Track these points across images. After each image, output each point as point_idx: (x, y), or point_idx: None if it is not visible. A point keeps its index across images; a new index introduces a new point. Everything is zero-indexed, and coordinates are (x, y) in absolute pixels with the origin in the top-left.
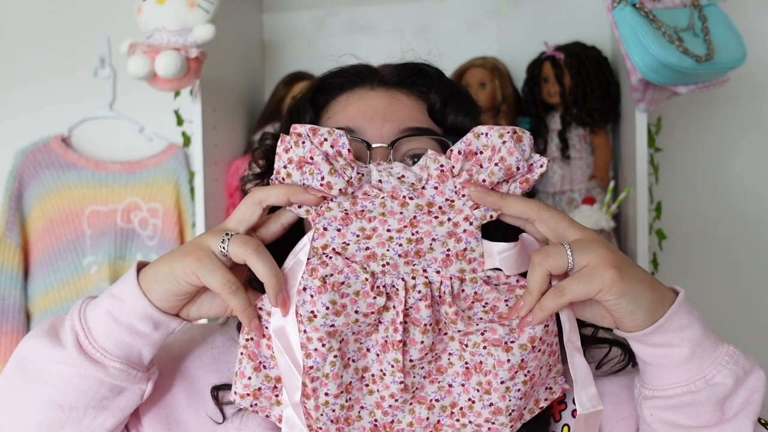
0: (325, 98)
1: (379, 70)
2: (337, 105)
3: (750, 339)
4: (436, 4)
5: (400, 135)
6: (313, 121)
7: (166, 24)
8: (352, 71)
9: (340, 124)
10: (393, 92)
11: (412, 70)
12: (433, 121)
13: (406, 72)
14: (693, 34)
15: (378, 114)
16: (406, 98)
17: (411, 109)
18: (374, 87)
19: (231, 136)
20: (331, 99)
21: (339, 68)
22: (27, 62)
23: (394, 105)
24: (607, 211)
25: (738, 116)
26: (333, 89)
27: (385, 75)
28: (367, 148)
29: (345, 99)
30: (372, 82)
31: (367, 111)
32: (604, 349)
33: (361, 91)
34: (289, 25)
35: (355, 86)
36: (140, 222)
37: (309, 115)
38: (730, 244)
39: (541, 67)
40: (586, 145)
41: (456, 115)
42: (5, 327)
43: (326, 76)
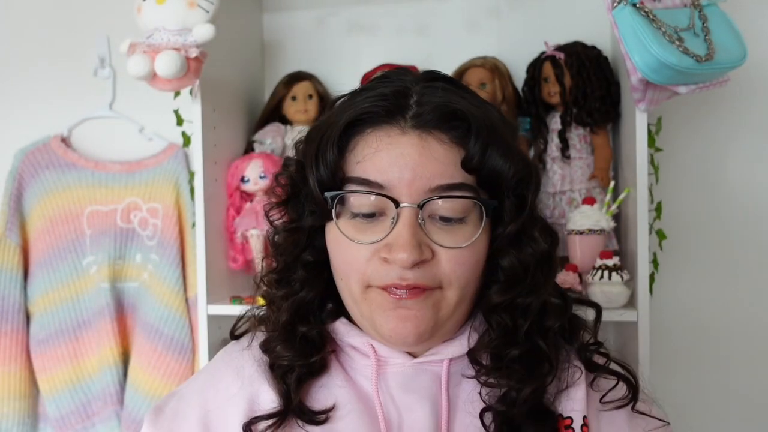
0: (353, 132)
1: (410, 102)
2: (365, 146)
3: (750, 339)
4: (436, 4)
5: (430, 195)
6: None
7: (166, 24)
8: (383, 107)
9: (369, 176)
10: (425, 138)
11: (449, 115)
12: (470, 169)
13: (443, 115)
14: (693, 34)
15: (408, 167)
16: (439, 146)
17: (443, 162)
18: (406, 130)
19: (231, 136)
20: (358, 134)
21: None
22: (27, 62)
23: (425, 157)
24: (607, 211)
25: (738, 116)
26: (362, 123)
27: (418, 113)
28: (396, 206)
29: (374, 141)
30: (404, 120)
31: (396, 164)
32: (612, 381)
33: (391, 133)
34: (289, 25)
35: (385, 123)
36: (140, 222)
37: (333, 153)
38: (730, 244)
39: (541, 66)
40: (586, 145)
41: (495, 161)
42: (5, 327)
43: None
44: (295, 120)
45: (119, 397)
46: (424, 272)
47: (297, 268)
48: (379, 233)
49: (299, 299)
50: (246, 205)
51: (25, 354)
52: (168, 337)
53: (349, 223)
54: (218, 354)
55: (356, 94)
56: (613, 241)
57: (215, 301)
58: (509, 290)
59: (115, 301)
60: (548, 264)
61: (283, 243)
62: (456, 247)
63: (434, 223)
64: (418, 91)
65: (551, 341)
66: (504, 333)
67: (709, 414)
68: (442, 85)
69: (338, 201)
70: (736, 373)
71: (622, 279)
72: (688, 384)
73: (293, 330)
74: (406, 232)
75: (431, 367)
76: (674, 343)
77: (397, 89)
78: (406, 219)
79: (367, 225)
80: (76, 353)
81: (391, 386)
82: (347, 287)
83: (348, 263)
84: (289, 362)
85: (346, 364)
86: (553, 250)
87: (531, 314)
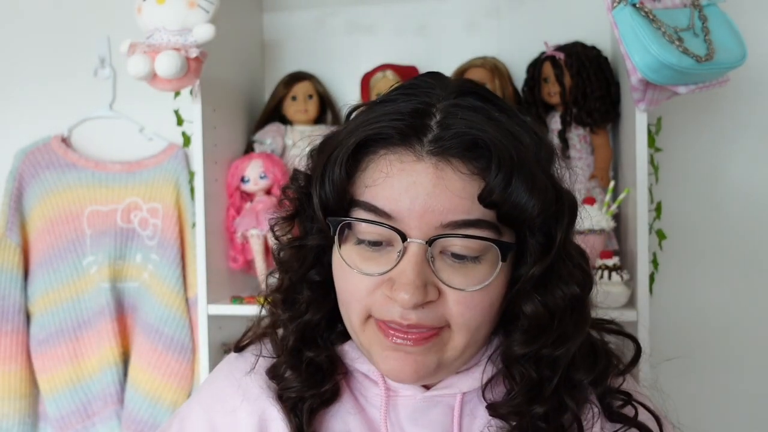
0: (364, 150)
1: (430, 123)
2: (376, 170)
3: (750, 339)
4: (436, 4)
5: (441, 231)
6: (344, 182)
7: (166, 24)
8: (400, 129)
9: (377, 203)
10: (442, 167)
11: (469, 142)
12: (488, 204)
13: (463, 143)
14: (693, 34)
15: (419, 198)
16: (456, 178)
17: (459, 196)
18: (422, 156)
19: (231, 136)
20: (371, 153)
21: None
22: (27, 62)
23: (439, 188)
24: (607, 211)
25: (738, 116)
26: (375, 143)
27: (438, 137)
28: (402, 240)
29: (386, 165)
30: (420, 144)
31: (408, 193)
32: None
33: (405, 159)
34: (289, 25)
35: (400, 146)
36: (140, 222)
37: (341, 174)
38: (730, 244)
39: (541, 67)
40: (586, 145)
41: (518, 197)
42: (5, 327)
43: (370, 133)
44: (295, 120)
45: (119, 397)
46: (428, 313)
47: (303, 288)
48: (384, 265)
49: (305, 322)
50: (246, 205)
51: (25, 354)
52: (168, 337)
53: (354, 250)
54: (221, 369)
55: (375, 105)
56: (613, 241)
57: (215, 301)
58: (533, 341)
59: (116, 301)
60: (580, 311)
61: (289, 260)
62: (466, 290)
63: (445, 260)
64: (443, 110)
65: (579, 397)
66: (529, 388)
67: (710, 414)
68: (472, 103)
69: (344, 224)
70: (736, 372)
71: (622, 279)
72: (688, 384)
73: (300, 355)
74: (410, 270)
75: (444, 399)
76: (674, 343)
77: (417, 108)
78: (413, 256)
79: (373, 254)
80: (76, 353)
81: (402, 418)
82: (348, 316)
83: (350, 292)
84: (298, 393)
85: (356, 390)
86: (586, 293)
87: (559, 368)
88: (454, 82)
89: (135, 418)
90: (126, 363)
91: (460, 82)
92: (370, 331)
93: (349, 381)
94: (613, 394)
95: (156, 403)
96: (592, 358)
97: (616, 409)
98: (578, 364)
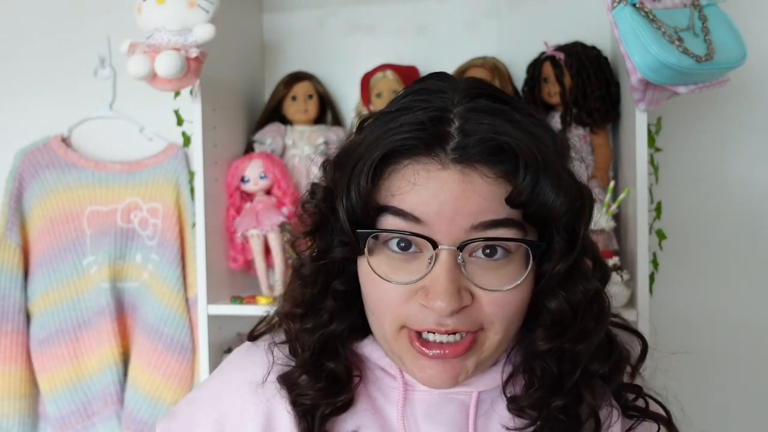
0: (388, 161)
1: (451, 130)
2: (401, 179)
3: (750, 339)
4: (436, 4)
5: (470, 237)
6: (370, 192)
7: (166, 24)
8: (422, 139)
9: (406, 207)
10: (468, 173)
11: (493, 147)
12: (517, 204)
13: (488, 149)
14: (693, 34)
15: (449, 202)
16: (482, 182)
17: (487, 198)
18: (447, 164)
19: (231, 136)
20: (394, 163)
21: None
22: (27, 62)
23: (467, 192)
24: (607, 211)
25: (738, 116)
26: (398, 154)
27: (461, 145)
28: (434, 248)
29: (412, 174)
30: (444, 152)
31: (437, 198)
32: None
33: (430, 168)
34: (289, 25)
35: (424, 156)
36: (140, 222)
37: (367, 185)
38: (730, 244)
39: (541, 67)
40: (586, 145)
41: (545, 196)
42: (5, 327)
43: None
44: (295, 120)
45: (119, 397)
46: (464, 317)
47: (326, 299)
48: (416, 273)
49: (328, 332)
50: (246, 205)
51: (26, 354)
52: (168, 337)
53: (382, 260)
54: (233, 357)
55: (390, 116)
56: (613, 241)
57: (215, 301)
58: (557, 336)
59: (116, 301)
60: (600, 304)
61: (311, 274)
62: (499, 290)
63: (476, 262)
64: (460, 115)
65: (596, 389)
66: (550, 382)
67: (710, 413)
68: (487, 105)
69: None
70: (736, 372)
71: (622, 279)
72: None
73: (320, 365)
74: (444, 278)
75: (459, 396)
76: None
77: (435, 115)
78: (445, 262)
79: (403, 262)
80: (76, 353)
81: (417, 414)
82: (379, 325)
83: (382, 302)
84: (313, 401)
85: (372, 387)
86: (604, 286)
87: (580, 363)
88: (464, 83)
89: (135, 418)
90: (126, 363)
91: (469, 83)
92: (403, 340)
93: (366, 380)
94: (627, 390)
95: (156, 403)
96: (608, 349)
97: (630, 403)
98: (595, 355)
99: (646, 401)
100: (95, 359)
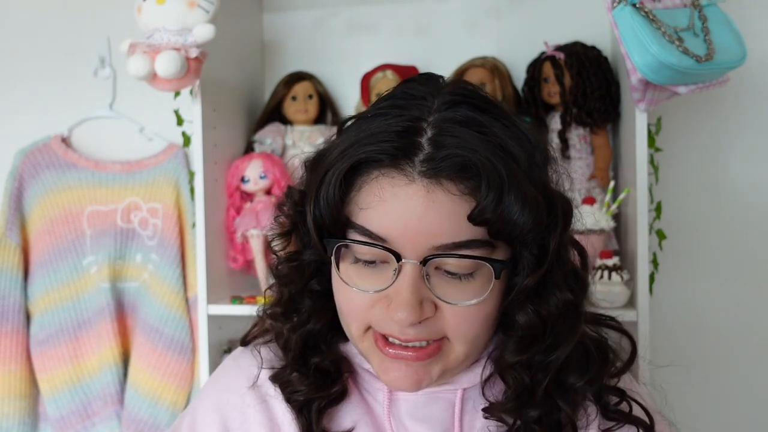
0: (358, 171)
1: (422, 141)
2: (370, 192)
3: (750, 339)
4: (436, 4)
5: (434, 253)
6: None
7: (166, 24)
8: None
9: (372, 227)
10: (433, 190)
11: (460, 164)
12: (479, 222)
13: (454, 166)
14: (693, 34)
15: (411, 222)
16: (447, 200)
17: (450, 217)
18: (413, 178)
19: (231, 136)
20: (364, 174)
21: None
22: (27, 62)
23: (431, 211)
24: (607, 211)
25: (738, 116)
26: (367, 165)
27: (429, 157)
28: (397, 260)
29: (378, 189)
30: (412, 164)
31: (401, 218)
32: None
33: (397, 183)
34: (289, 25)
35: (393, 168)
36: (140, 222)
37: (334, 197)
38: (730, 244)
39: (541, 67)
40: (586, 145)
41: (509, 214)
42: (5, 327)
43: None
44: (295, 120)
45: (119, 397)
46: (426, 328)
47: (303, 298)
48: (381, 282)
49: (307, 331)
50: (246, 205)
51: (25, 354)
52: (168, 337)
53: (351, 268)
54: (227, 363)
55: (366, 121)
56: (613, 241)
57: (215, 301)
58: (526, 349)
59: (116, 301)
60: (573, 316)
61: (288, 274)
62: (461, 304)
63: (440, 276)
64: (434, 125)
65: (573, 399)
66: (521, 393)
67: (710, 414)
68: (464, 115)
69: (340, 245)
70: (736, 372)
71: (622, 279)
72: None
73: (305, 361)
74: (406, 289)
75: (444, 394)
76: (674, 343)
77: (408, 126)
78: (408, 275)
79: (371, 271)
80: (76, 353)
81: (403, 414)
82: (347, 326)
83: (349, 306)
84: (306, 396)
85: (362, 387)
86: (581, 299)
87: (550, 372)
88: (448, 89)
89: (135, 418)
90: (126, 363)
91: (454, 88)
92: (368, 341)
93: (355, 378)
94: (609, 392)
95: (156, 403)
96: (585, 360)
97: (612, 406)
98: (571, 367)
99: (630, 405)
100: (95, 359)
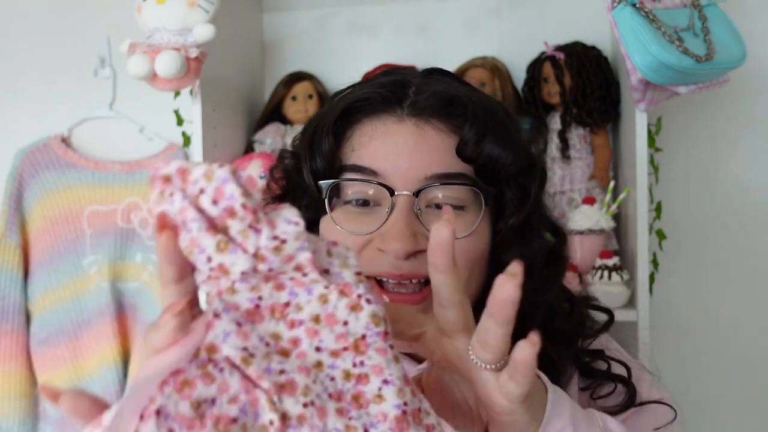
0: (349, 120)
1: (409, 92)
2: (361, 135)
3: (750, 339)
4: (436, 4)
5: (426, 183)
6: (333, 149)
7: (166, 24)
8: (380, 94)
9: (364, 163)
10: (422, 126)
11: (445, 100)
12: (466, 156)
13: (440, 102)
14: (693, 34)
15: (403, 155)
16: (435, 134)
17: (440, 150)
18: (402, 118)
19: (231, 136)
20: (355, 122)
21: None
22: (27, 62)
23: (421, 145)
24: (607, 211)
25: (738, 116)
26: (358, 112)
27: (416, 101)
28: (390, 195)
29: (370, 129)
30: (401, 108)
31: (392, 151)
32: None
33: (388, 122)
34: (289, 25)
35: (382, 112)
36: (140, 222)
37: (329, 141)
38: (730, 244)
39: (541, 67)
40: (586, 145)
41: (491, 149)
42: (5, 327)
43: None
44: (295, 120)
45: (119, 397)
46: (419, 262)
47: None
48: (373, 224)
49: None
50: None
51: (25, 354)
52: None
53: (342, 214)
54: None
55: (354, 87)
56: (613, 241)
57: None
58: None
59: (116, 301)
60: (556, 261)
61: None
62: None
63: (432, 212)
64: (418, 83)
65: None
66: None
67: (709, 413)
68: (443, 76)
69: (333, 191)
70: (736, 372)
71: (622, 279)
72: (687, 384)
73: None
74: (400, 221)
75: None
76: (674, 342)
77: (396, 79)
78: (402, 208)
79: (362, 215)
80: (76, 353)
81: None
82: None
83: None
84: None
85: None
86: (562, 246)
87: (538, 316)
88: (423, 71)
89: None
90: (126, 363)
91: (429, 68)
92: None
93: None
94: (586, 354)
95: None
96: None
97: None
98: (558, 314)
99: (608, 363)
100: (95, 359)
